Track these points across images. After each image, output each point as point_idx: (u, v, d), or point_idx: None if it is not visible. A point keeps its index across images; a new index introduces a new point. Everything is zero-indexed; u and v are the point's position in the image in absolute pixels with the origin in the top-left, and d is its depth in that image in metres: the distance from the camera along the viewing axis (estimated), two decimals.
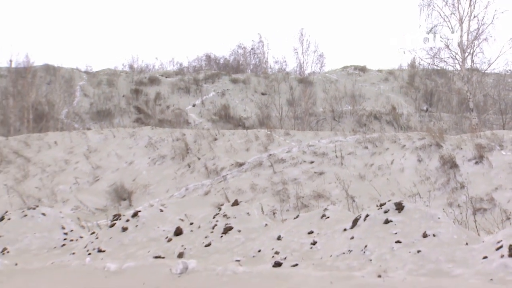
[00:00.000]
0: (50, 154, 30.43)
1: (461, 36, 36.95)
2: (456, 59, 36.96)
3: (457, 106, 43.01)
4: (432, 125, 34.73)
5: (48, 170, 28.65)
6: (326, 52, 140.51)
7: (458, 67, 37.21)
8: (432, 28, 37.68)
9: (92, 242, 14.28)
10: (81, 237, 15.79)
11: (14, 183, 26.93)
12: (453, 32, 36.98)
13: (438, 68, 40.70)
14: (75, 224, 17.49)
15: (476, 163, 20.87)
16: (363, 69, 59.54)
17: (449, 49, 37.22)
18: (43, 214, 16.78)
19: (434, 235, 10.38)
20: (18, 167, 28.99)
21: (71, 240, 15.53)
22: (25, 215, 16.56)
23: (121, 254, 12.98)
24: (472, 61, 37.89)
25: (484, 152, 21.09)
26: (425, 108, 47.49)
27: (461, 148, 22.19)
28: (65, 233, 16.03)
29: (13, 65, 46.33)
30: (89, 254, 13.41)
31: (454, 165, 21.27)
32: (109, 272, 10.90)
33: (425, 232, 10.49)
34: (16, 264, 12.39)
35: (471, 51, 37.15)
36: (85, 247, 14.12)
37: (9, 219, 16.22)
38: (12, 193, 25.08)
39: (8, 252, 14.64)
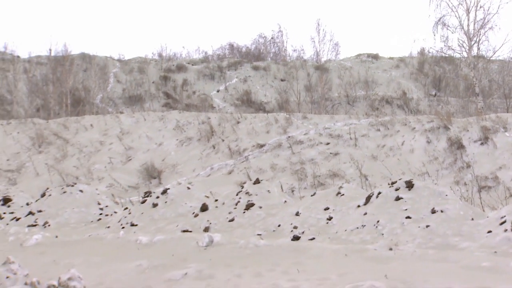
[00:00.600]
0: (87, 136, 30.60)
1: (468, 25, 36.61)
2: (463, 47, 36.67)
3: (464, 91, 42.67)
4: (440, 109, 34.49)
5: (85, 151, 28.84)
6: (341, 41, 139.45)
7: (465, 54, 36.91)
8: (440, 18, 37.39)
9: (125, 217, 14.40)
10: (115, 212, 15.93)
11: (54, 162, 27.15)
12: (460, 21, 36.66)
13: (446, 55, 40.45)
14: (109, 200, 17.64)
15: (482, 144, 20.81)
16: (375, 57, 59.14)
17: (457, 37, 36.99)
18: (81, 191, 16.93)
19: (442, 211, 10.37)
20: (57, 147, 29.21)
21: (106, 215, 15.67)
22: (64, 192, 16.72)
23: (152, 228, 13.09)
24: (478, 48, 37.57)
25: (489, 134, 21.00)
26: (433, 93, 47.13)
27: (468, 130, 22.08)
28: (101, 209, 16.18)
29: (53, 54, 46.56)
30: (123, 228, 13.53)
31: (460, 146, 21.20)
32: (141, 245, 11.00)
33: (434, 208, 10.49)
34: (56, 237, 12.50)
35: (477, 39, 36.81)
36: (119, 221, 14.25)
37: (50, 195, 16.38)
38: (53, 171, 25.30)
39: (49, 225, 14.82)
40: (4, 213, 16.27)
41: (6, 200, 17.08)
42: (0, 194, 18.34)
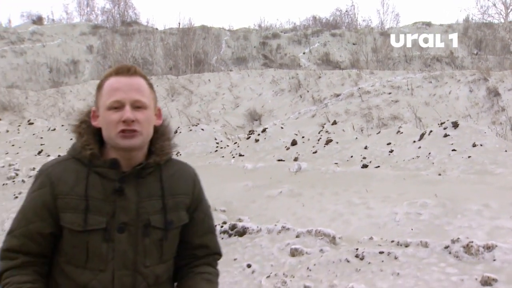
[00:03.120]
0: (206, 88, 31.03)
1: None
2: (501, 14, 34.77)
3: (500, 50, 40.72)
4: (480, 65, 32.85)
5: (204, 99, 29.30)
6: (401, 11, 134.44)
7: (502, 20, 35.03)
8: None
9: (235, 149, 14.61)
10: (227, 146, 16.16)
11: (183, 108, 27.75)
12: None
13: (487, 21, 38.75)
14: (223, 137, 17.90)
15: None
16: (428, 24, 56.66)
17: (495, 6, 35.02)
18: (202, 129, 17.24)
19: (481, 145, 10.12)
20: (185, 97, 29.80)
21: (221, 148, 15.94)
22: (190, 130, 17.09)
23: (255, 157, 13.24)
24: None
25: None
26: (475, 52, 45.03)
27: (503, 81, 21.29)
28: (217, 143, 16.44)
29: (181, 26, 47.11)
30: (233, 157, 13.74)
31: (497, 94, 20.47)
32: (247, 170, 11.16)
33: (474, 142, 10.25)
34: (186, 163, 12.84)
35: None
36: (230, 152, 14.47)
37: (180, 132, 16.76)
38: (181, 115, 25.88)
39: (180, 154, 15.20)
40: None
41: None
42: None
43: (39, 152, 16.23)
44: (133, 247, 1.79)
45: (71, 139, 2.00)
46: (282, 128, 15.71)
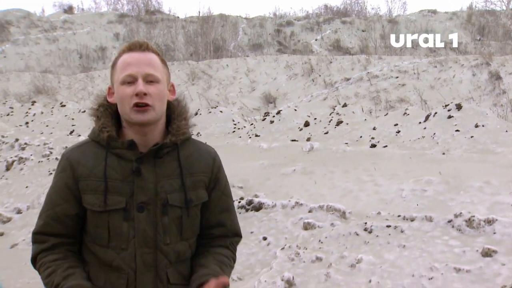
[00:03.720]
0: (224, 72, 30.96)
1: None
2: (503, 1, 34.15)
3: (502, 36, 40.12)
4: (483, 50, 32.34)
5: (223, 83, 29.26)
6: (408, 0, 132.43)
7: (504, 7, 34.42)
8: None
9: (251, 130, 14.60)
10: (244, 127, 16.15)
11: (202, 91, 27.76)
12: None
13: (489, 9, 38.20)
14: (240, 118, 17.89)
15: None
16: (434, 12, 55.91)
17: None
18: (221, 111, 17.23)
19: (483, 126, 10.00)
20: (204, 81, 29.79)
21: (238, 129, 15.94)
22: (210, 112, 17.09)
23: (270, 138, 13.23)
24: None
25: None
26: (478, 38, 44.34)
27: (504, 65, 21.08)
28: (234, 124, 16.43)
29: (200, 15, 47.02)
30: (250, 137, 13.74)
31: (498, 77, 20.25)
32: (262, 149, 11.16)
33: (477, 123, 10.14)
34: (205, 143, 12.87)
35: None
36: (247, 133, 14.47)
37: (200, 114, 16.77)
38: (201, 98, 25.89)
39: (200, 135, 15.24)
40: None
41: None
42: None
43: (71, 132, 16.40)
44: (152, 225, 1.76)
45: None
46: (295, 110, 15.64)
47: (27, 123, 18.71)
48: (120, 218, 1.74)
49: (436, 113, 11.22)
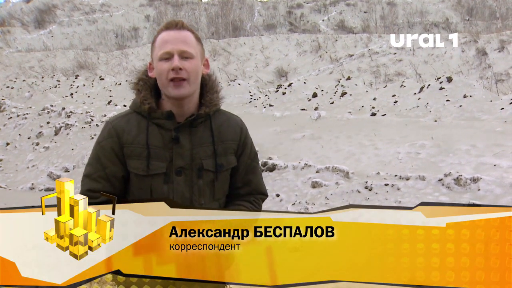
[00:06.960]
0: (241, 50, 30.67)
1: None
2: None
3: (488, 16, 39.12)
4: (471, 29, 31.55)
5: (240, 59, 29.02)
6: None
7: None
8: None
9: (265, 101, 14.54)
10: (259, 98, 16.10)
11: (222, 66, 27.59)
12: None
13: None
14: (256, 90, 17.81)
15: (499, 51, 19.67)
16: None
17: None
18: (239, 84, 17.17)
19: (470, 96, 9.90)
20: (224, 57, 29.56)
21: (254, 99, 15.89)
22: (229, 85, 17.03)
23: (282, 107, 13.17)
24: None
25: (505, 44, 19.70)
26: (467, 18, 43.28)
27: (490, 43, 20.64)
28: (251, 95, 16.38)
29: None
30: (264, 107, 13.71)
31: (485, 53, 19.90)
32: (275, 117, 11.13)
33: (465, 94, 10.03)
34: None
35: None
36: (262, 103, 14.43)
37: (220, 87, 16.70)
38: (222, 72, 25.75)
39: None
40: None
41: None
42: None
43: (109, 102, 16.48)
44: (189, 187, 1.75)
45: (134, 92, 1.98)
46: (304, 83, 15.51)
47: (71, 94, 18.83)
48: (161, 181, 1.73)
49: (429, 85, 11.07)
